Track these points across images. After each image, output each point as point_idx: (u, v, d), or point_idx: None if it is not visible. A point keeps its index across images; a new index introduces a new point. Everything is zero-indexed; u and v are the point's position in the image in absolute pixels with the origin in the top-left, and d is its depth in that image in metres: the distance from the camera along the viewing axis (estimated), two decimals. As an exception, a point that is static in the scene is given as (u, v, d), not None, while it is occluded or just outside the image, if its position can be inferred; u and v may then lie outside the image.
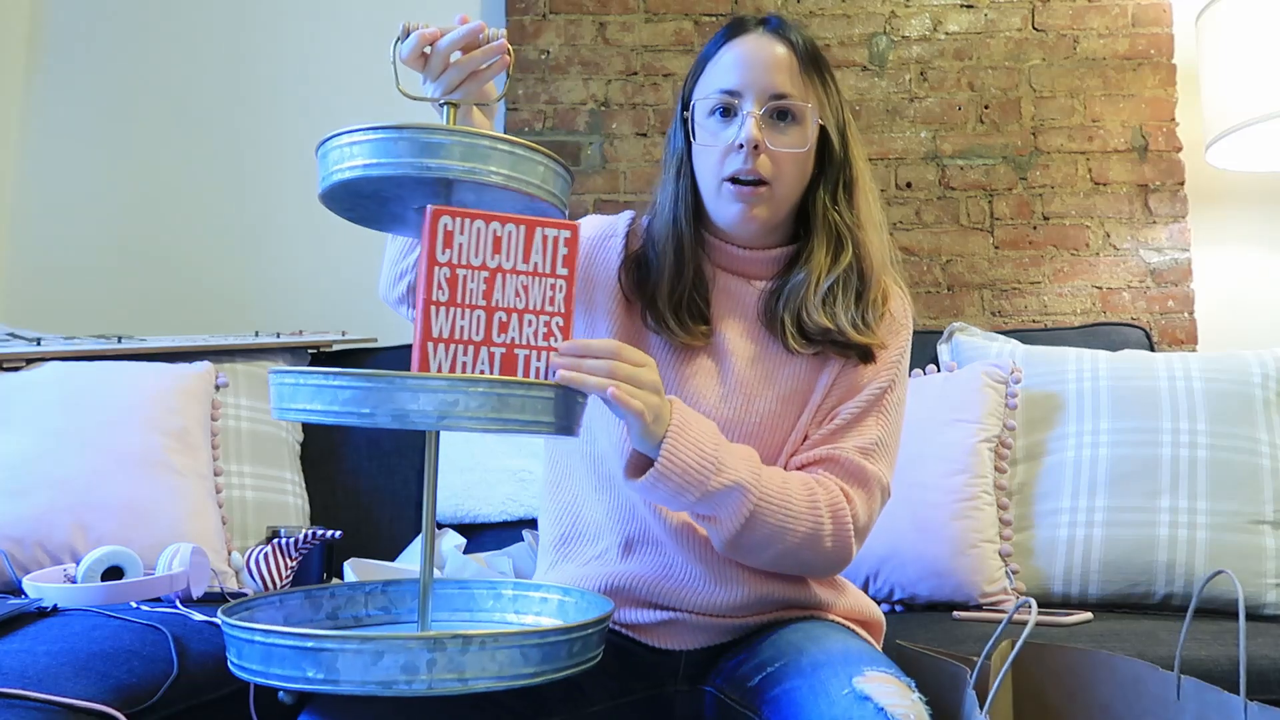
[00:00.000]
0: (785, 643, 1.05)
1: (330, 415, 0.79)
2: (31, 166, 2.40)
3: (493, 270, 0.87)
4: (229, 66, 2.42)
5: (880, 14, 2.35)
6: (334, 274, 2.37)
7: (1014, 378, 1.74)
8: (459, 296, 0.87)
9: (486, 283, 0.87)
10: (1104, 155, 2.29)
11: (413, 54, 1.01)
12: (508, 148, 0.87)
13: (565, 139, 2.33)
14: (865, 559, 1.64)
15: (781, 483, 1.04)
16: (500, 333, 0.88)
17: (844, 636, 1.05)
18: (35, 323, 2.18)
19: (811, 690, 0.94)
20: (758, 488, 1.00)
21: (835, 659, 0.97)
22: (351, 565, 1.55)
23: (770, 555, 1.05)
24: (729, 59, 1.10)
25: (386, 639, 0.76)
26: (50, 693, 0.97)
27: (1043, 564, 1.65)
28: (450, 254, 0.86)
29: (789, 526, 1.02)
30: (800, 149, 1.09)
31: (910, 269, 2.28)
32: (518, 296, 0.89)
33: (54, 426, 1.60)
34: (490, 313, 0.88)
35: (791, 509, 1.03)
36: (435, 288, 0.86)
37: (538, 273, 0.89)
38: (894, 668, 0.97)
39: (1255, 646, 1.30)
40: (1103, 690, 1.02)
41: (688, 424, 0.97)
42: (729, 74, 1.09)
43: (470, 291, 0.87)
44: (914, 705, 0.89)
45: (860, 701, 0.89)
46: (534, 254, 0.89)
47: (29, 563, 1.50)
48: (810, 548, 1.04)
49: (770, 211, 1.10)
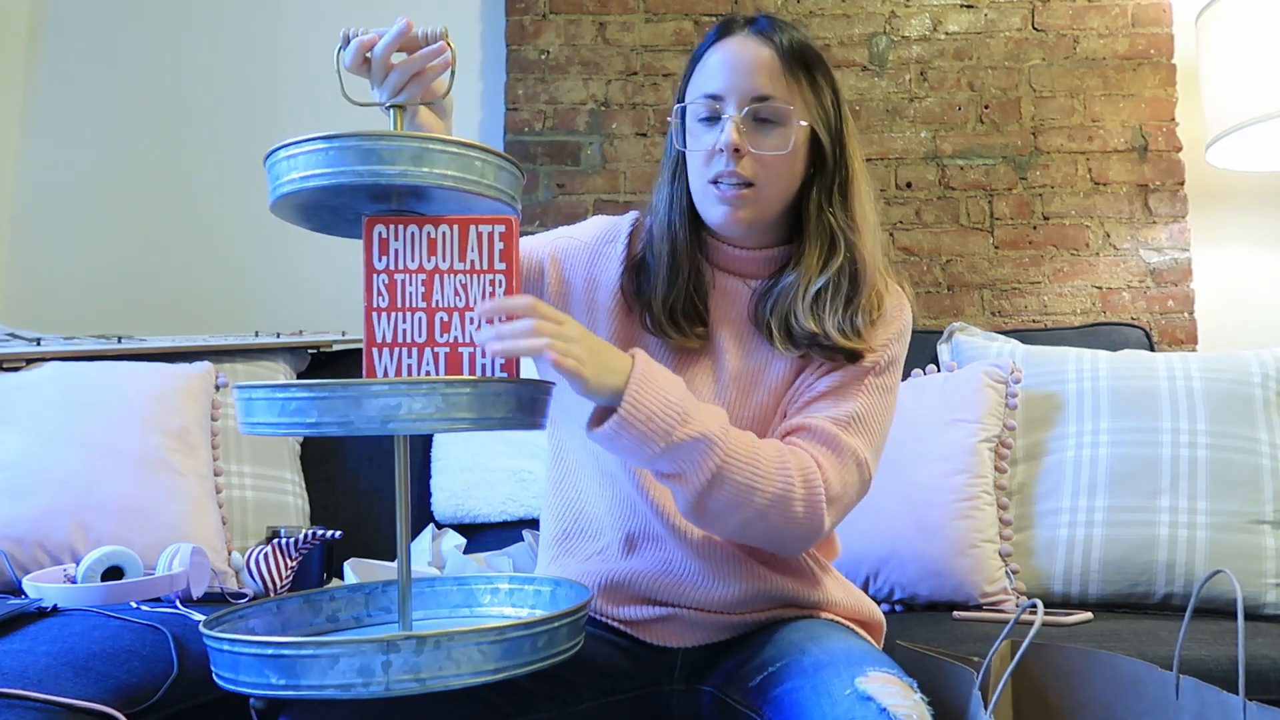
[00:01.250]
0: (786, 642, 1.04)
1: (282, 427, 0.80)
2: (31, 166, 2.40)
3: (429, 272, 0.89)
4: (228, 66, 2.42)
5: (880, 14, 2.35)
6: (334, 274, 2.36)
7: (1014, 378, 1.74)
8: (399, 301, 0.89)
9: (425, 285, 0.89)
10: (1104, 155, 2.29)
11: (355, 61, 1.01)
12: (447, 148, 0.85)
13: (565, 139, 2.33)
14: (865, 559, 1.64)
15: (750, 442, 1.01)
16: (443, 332, 0.89)
17: (845, 636, 1.05)
18: (35, 323, 2.18)
19: (814, 690, 0.93)
20: (724, 442, 0.98)
21: (838, 659, 0.97)
22: (351, 565, 1.55)
23: (738, 520, 1.01)
24: (714, 62, 1.11)
25: (343, 643, 0.76)
26: (50, 693, 0.97)
27: (1043, 564, 1.65)
28: (387, 260, 0.89)
29: (757, 486, 0.99)
30: (783, 151, 1.08)
31: (910, 269, 2.28)
32: (457, 295, 0.90)
33: (54, 426, 1.60)
34: (431, 314, 0.89)
35: (760, 468, 1.00)
36: (375, 294, 0.88)
37: (475, 270, 0.90)
38: (896, 668, 0.97)
39: (1255, 646, 1.30)
40: (1103, 690, 1.02)
41: (652, 374, 0.95)
42: (713, 78, 1.10)
43: (410, 295, 0.89)
44: (916, 705, 0.89)
45: (863, 702, 0.88)
46: (470, 251, 0.90)
47: (29, 563, 1.50)
48: (780, 512, 1.01)
49: (755, 213, 1.10)
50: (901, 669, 0.97)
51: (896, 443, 1.67)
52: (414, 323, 0.89)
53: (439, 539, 1.78)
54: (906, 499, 1.64)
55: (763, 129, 1.08)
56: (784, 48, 1.08)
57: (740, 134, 1.07)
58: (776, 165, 1.09)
